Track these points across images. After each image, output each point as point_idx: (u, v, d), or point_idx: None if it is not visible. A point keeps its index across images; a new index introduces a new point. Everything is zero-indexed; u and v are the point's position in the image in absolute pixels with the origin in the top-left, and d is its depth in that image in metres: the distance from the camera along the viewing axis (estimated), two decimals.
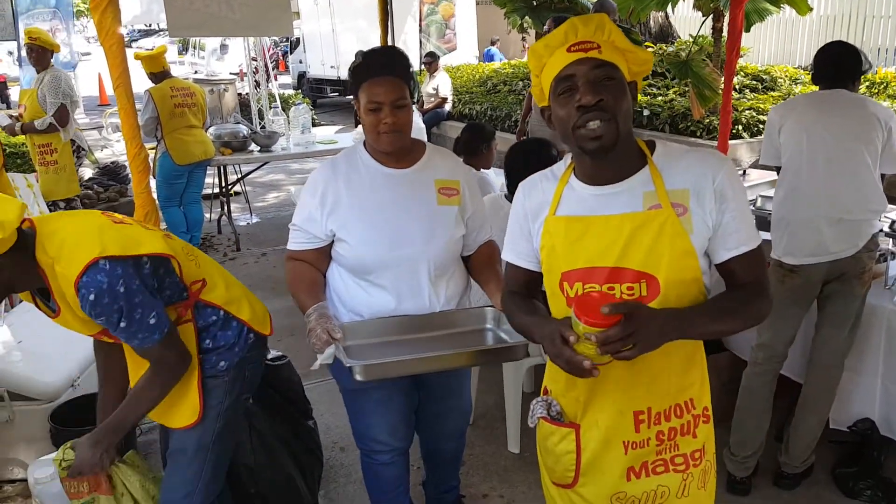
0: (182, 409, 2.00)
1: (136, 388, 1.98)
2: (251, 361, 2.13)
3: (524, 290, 1.69)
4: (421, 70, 11.04)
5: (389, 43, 6.12)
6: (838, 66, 2.87)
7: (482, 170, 4.28)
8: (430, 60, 10.77)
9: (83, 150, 5.68)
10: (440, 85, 10.56)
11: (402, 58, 2.10)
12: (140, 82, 5.56)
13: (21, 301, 3.91)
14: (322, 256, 2.16)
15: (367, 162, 2.15)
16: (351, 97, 2.20)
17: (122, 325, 1.76)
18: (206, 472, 2.08)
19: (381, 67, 2.03)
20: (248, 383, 2.15)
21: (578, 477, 1.62)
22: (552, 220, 1.55)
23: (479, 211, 2.26)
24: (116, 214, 1.97)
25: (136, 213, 2.23)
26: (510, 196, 3.38)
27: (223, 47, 16.99)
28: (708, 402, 1.62)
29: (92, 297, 1.71)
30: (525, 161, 3.30)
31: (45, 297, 1.91)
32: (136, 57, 5.89)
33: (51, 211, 5.36)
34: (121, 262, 1.73)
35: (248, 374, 2.13)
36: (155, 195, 5.31)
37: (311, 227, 2.12)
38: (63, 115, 5.26)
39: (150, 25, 32.81)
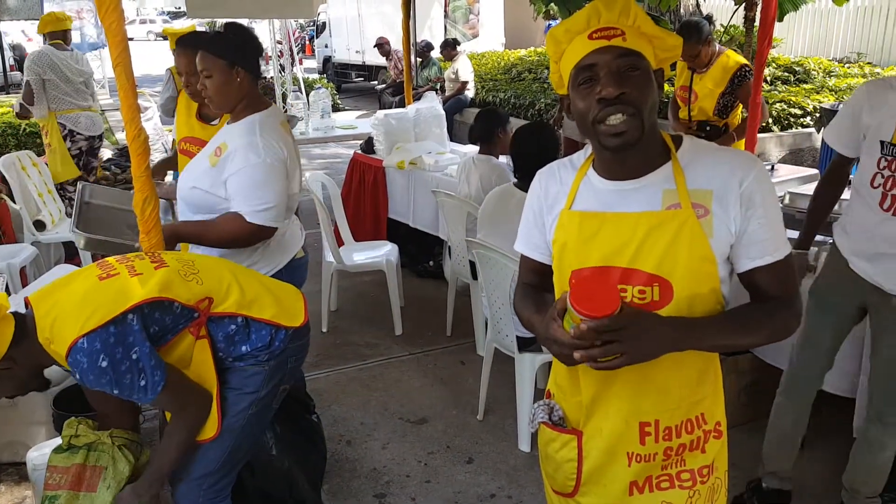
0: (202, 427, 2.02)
1: (165, 434, 2.01)
2: (294, 353, 2.13)
3: (537, 280, 1.61)
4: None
5: (412, 29, 6.05)
6: None
7: (500, 157, 4.17)
8: (444, 49, 10.74)
9: (76, 133, 5.56)
10: (460, 70, 10.46)
11: (215, 37, 2.55)
12: (168, 61, 5.57)
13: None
14: None
15: None
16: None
17: (116, 391, 1.81)
18: (228, 456, 2.07)
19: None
20: (290, 373, 2.16)
21: (579, 486, 1.54)
22: (567, 215, 1.46)
23: (233, 181, 2.42)
24: (112, 262, 1.96)
25: (135, 198, 2.17)
26: (520, 184, 3.31)
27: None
28: (721, 417, 1.52)
29: (78, 375, 1.79)
30: (528, 144, 3.28)
31: None
32: (165, 32, 5.84)
33: (59, 193, 5.38)
34: (100, 332, 1.75)
35: (291, 364, 2.14)
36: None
37: None
38: (26, 94, 5.29)
39: (179, 8, 33.01)
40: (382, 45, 12.72)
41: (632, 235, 1.37)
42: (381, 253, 4.58)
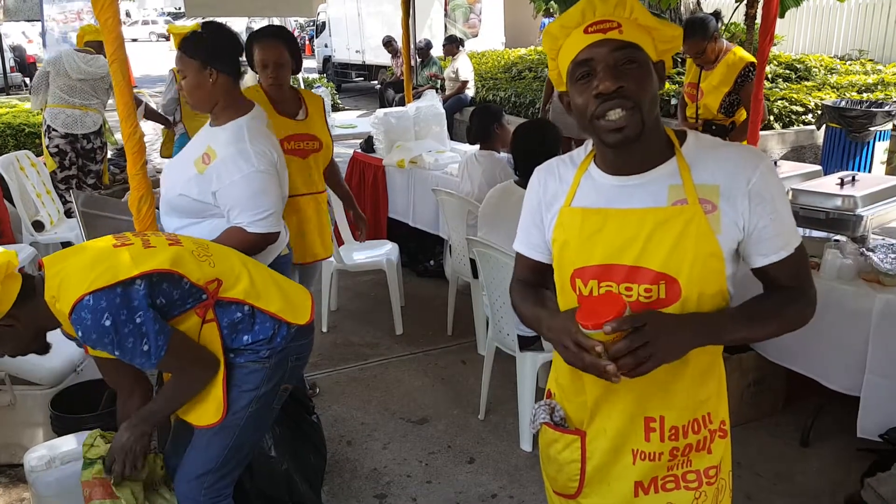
0: (206, 408, 2.00)
1: (166, 386, 2.01)
2: (296, 352, 2.11)
3: (534, 278, 1.58)
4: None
5: (411, 28, 6.01)
6: None
7: (502, 152, 4.14)
8: (446, 44, 10.71)
9: (53, 129, 5.57)
10: (460, 68, 10.43)
11: (188, 37, 2.49)
12: (170, 62, 5.58)
13: None
14: None
15: None
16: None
17: (117, 353, 1.81)
18: (228, 454, 2.06)
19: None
20: (291, 372, 2.14)
21: (582, 488, 1.52)
22: (567, 212, 1.43)
23: (227, 192, 2.35)
24: (128, 234, 1.97)
25: (131, 196, 2.15)
26: (521, 182, 3.28)
27: (249, 30, 16.98)
28: (725, 416, 1.50)
29: (81, 333, 1.77)
30: (529, 142, 3.25)
31: None
32: (170, 30, 5.83)
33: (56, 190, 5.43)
34: (106, 292, 1.75)
35: (292, 363, 2.12)
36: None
37: None
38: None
39: (179, 8, 32.98)
40: (390, 43, 12.72)
41: (637, 232, 1.34)
42: (382, 252, 4.56)
